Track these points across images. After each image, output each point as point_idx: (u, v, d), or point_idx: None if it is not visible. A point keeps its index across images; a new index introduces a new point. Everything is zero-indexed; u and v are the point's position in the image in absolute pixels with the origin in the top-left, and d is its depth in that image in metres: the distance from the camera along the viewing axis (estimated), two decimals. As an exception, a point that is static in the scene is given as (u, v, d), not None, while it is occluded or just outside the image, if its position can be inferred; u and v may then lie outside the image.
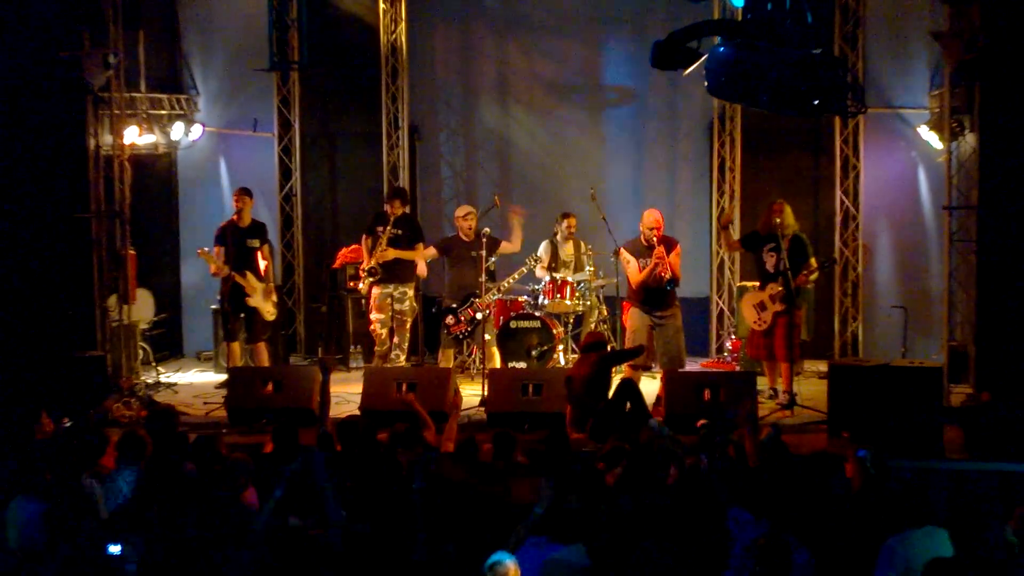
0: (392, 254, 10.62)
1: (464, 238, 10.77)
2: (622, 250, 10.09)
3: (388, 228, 10.60)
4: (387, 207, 10.75)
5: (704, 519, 5.86)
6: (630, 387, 8.83)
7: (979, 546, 5.32)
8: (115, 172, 10.63)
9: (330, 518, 5.72)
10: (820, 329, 11.91)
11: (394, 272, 10.70)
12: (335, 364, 7.79)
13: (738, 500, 5.82)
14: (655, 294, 9.88)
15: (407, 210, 10.98)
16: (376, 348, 10.93)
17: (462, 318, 10.59)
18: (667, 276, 9.77)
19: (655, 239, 9.84)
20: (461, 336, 10.68)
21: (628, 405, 8.66)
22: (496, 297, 10.82)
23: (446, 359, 10.79)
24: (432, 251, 10.95)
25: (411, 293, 10.87)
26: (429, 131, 12.98)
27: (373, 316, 10.81)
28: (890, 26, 11.84)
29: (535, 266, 10.83)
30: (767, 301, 9.79)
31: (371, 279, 10.65)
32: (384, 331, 10.79)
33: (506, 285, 10.67)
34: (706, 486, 6.14)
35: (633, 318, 10.07)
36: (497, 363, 10.70)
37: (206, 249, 10.59)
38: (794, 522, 5.64)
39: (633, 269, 9.95)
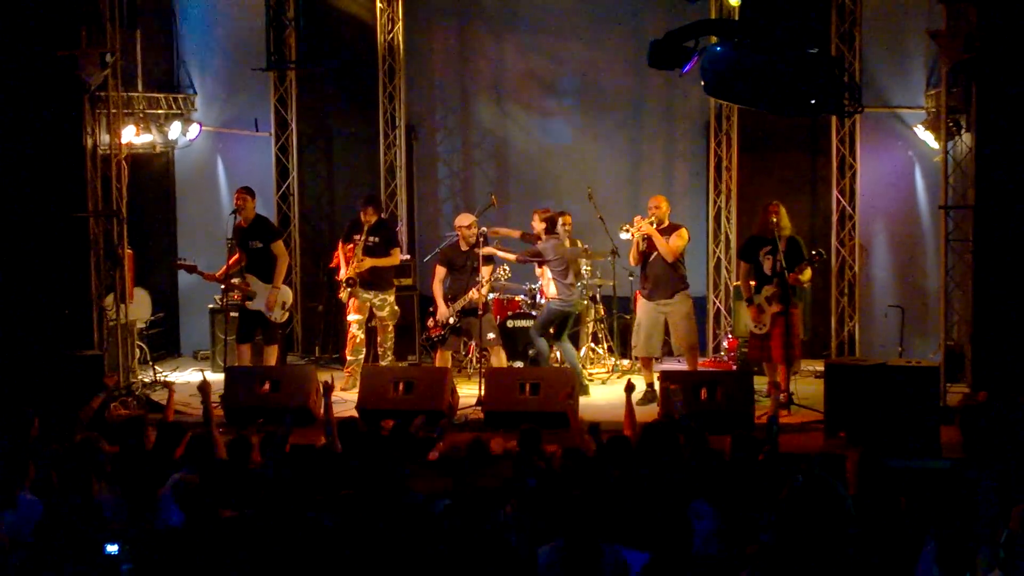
0: (368, 263, 10.69)
1: (463, 247, 10.62)
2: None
3: (363, 237, 10.66)
4: (361, 214, 10.77)
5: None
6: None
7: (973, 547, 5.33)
8: (112, 171, 10.60)
9: None
10: (817, 329, 11.92)
11: (372, 280, 10.78)
12: (332, 386, 7.88)
13: (701, 492, 5.83)
14: (655, 281, 10.10)
15: (382, 216, 11.00)
16: (348, 355, 10.95)
17: (439, 321, 10.54)
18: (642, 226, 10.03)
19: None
20: (436, 340, 10.61)
21: None
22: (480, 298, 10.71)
23: (443, 359, 10.78)
24: (443, 271, 10.63)
25: (391, 299, 10.96)
26: (426, 131, 12.96)
27: (351, 317, 10.90)
28: (887, 25, 11.83)
29: (505, 277, 10.75)
30: (764, 304, 9.80)
31: (349, 289, 10.76)
32: (360, 334, 10.88)
33: (473, 296, 10.32)
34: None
35: (640, 310, 10.35)
36: (504, 362, 10.63)
37: (181, 259, 11.02)
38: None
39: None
